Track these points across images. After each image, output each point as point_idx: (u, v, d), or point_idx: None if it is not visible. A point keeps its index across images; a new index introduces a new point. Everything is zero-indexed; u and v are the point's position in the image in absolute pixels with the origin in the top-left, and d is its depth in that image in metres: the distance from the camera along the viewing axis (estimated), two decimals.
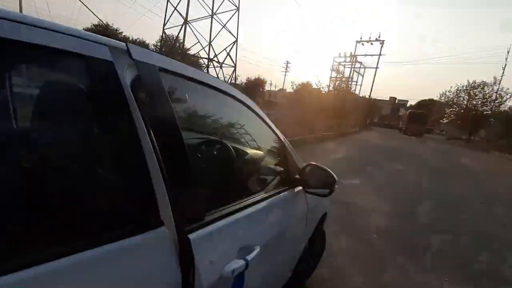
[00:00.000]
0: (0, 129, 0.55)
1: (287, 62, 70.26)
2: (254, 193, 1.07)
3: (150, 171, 0.58)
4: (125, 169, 0.59)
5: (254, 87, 32.94)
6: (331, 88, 19.12)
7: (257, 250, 0.79)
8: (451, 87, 33.48)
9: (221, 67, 23.26)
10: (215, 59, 22.54)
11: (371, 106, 31.94)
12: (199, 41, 21.28)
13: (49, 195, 0.51)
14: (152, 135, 0.60)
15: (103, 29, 19.82)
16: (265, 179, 1.29)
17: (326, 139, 12.20)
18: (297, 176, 1.28)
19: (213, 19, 21.71)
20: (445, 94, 29.50)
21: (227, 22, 22.33)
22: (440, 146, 18.77)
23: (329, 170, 1.22)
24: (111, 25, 21.10)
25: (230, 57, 23.30)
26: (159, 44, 24.22)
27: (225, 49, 22.98)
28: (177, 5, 21.22)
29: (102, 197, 0.56)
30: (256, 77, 35.17)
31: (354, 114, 22.45)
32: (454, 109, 29.10)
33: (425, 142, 20.81)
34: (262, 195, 1.06)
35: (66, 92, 0.64)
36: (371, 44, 32.29)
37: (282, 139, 1.31)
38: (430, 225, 3.27)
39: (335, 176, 1.20)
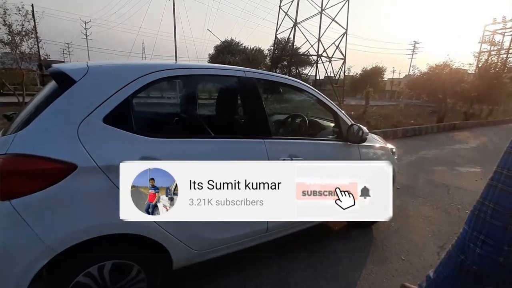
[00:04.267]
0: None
1: (415, 43, 58.69)
2: (313, 139, 1.99)
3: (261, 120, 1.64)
4: (253, 118, 1.66)
5: (370, 78, 30.45)
6: (479, 66, 14.95)
7: (300, 159, 1.62)
8: None
9: (330, 61, 23.22)
10: (324, 54, 22.74)
11: None
12: (307, 40, 22.19)
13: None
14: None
15: (228, 44, 24.96)
16: (326, 136, 2.16)
17: (457, 128, 10.25)
18: (345, 134, 1.98)
19: (322, 15, 22.01)
20: None
21: (336, 15, 22.03)
22: None
23: (362, 126, 1.90)
24: (234, 39, 26.06)
25: (339, 50, 22.84)
26: (272, 48, 26.89)
27: (333, 42, 22.74)
28: (287, 10, 23.00)
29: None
30: (374, 66, 32.32)
31: None
32: None
33: None
34: (319, 139, 1.98)
35: (232, 92, 1.82)
36: None
37: (338, 112, 2.02)
38: None
39: (366, 130, 1.91)
